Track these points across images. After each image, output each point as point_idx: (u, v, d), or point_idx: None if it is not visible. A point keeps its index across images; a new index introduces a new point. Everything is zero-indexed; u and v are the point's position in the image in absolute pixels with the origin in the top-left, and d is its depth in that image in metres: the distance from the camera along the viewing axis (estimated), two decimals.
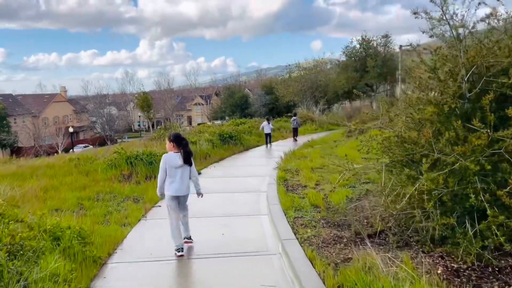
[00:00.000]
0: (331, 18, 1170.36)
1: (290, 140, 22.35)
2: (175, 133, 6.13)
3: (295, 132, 22.26)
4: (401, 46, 40.89)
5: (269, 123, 19.70)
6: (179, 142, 5.71)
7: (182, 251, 5.59)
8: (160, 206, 8.28)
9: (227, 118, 68.43)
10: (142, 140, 19.36)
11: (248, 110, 65.17)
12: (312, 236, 5.59)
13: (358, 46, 53.91)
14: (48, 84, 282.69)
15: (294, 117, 22.60)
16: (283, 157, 13.47)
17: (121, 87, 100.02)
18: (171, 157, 5.68)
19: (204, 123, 73.76)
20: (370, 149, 5.81)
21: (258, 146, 19.76)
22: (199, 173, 12.06)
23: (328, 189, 8.40)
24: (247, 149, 18.36)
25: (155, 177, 11.02)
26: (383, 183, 5.40)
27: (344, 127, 32.09)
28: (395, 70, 51.86)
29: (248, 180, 10.79)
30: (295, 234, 5.73)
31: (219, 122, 65.27)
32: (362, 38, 53.20)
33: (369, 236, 5.49)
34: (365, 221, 6.05)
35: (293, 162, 12.00)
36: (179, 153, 5.67)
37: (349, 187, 8.47)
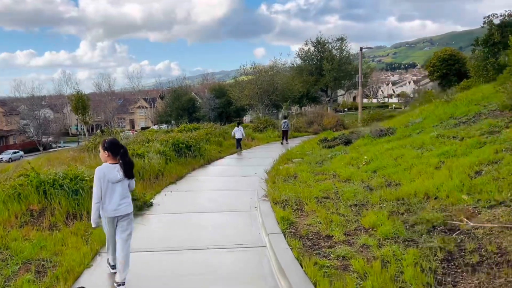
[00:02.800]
0: (274, 26, 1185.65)
1: (256, 149, 19.20)
2: (111, 139, 4.88)
3: (284, 135, 22.21)
4: (361, 48, 38.79)
5: (239, 127, 18.90)
6: (116, 150, 4.69)
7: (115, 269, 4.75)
8: None
9: (173, 122, 64.51)
10: (72, 152, 15.18)
11: (196, 114, 61.65)
12: None
13: (312, 48, 51.70)
14: None
15: (285, 120, 22.64)
16: (266, 178, 10.01)
17: (57, 88, 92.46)
18: (107, 170, 4.64)
19: (148, 127, 69.17)
20: None
21: (221, 157, 16.15)
22: (151, 204, 8.37)
23: (374, 244, 5.11)
24: (209, 162, 14.70)
25: (82, 217, 7.21)
26: None
27: (309, 135, 29.21)
28: (351, 74, 50.09)
29: (227, 220, 7.18)
30: None
31: (164, 126, 61.00)
32: (317, 40, 51.03)
33: None
34: None
35: (285, 187, 8.54)
36: (117, 164, 4.68)
37: (408, 242, 5.15)
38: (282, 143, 21.42)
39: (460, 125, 11.23)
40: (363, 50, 43.16)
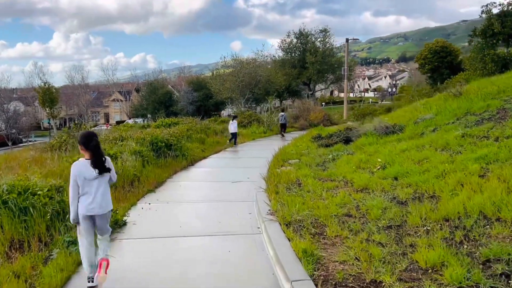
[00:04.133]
0: (251, 19, 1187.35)
1: (243, 147, 17.57)
2: (84, 132, 4.86)
3: (282, 128, 22.97)
4: (347, 39, 37.40)
5: (233, 121, 18.60)
6: (87, 144, 4.33)
7: (93, 281, 4.30)
8: None
9: (149, 115, 62.24)
10: (33, 152, 13.16)
11: (173, 108, 59.69)
12: None
13: (295, 40, 50.12)
14: None
15: (282, 113, 23.42)
16: (265, 186, 8.36)
17: (28, 80, 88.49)
18: (83, 166, 4.31)
19: (123, 121, 66.51)
20: None
21: (205, 157, 14.40)
22: (124, 224, 6.61)
23: None
24: (192, 163, 12.93)
25: (31, 245, 5.41)
26: None
27: (295, 130, 27.65)
28: (334, 67, 48.79)
29: (225, 250, 5.42)
30: None
31: (140, 120, 58.60)
32: (300, 32, 49.48)
33: None
34: None
35: (293, 201, 6.87)
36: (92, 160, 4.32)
37: None
38: (282, 135, 22.11)
39: (484, 123, 9.78)
40: (347, 42, 41.87)
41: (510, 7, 21.44)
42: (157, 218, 7.02)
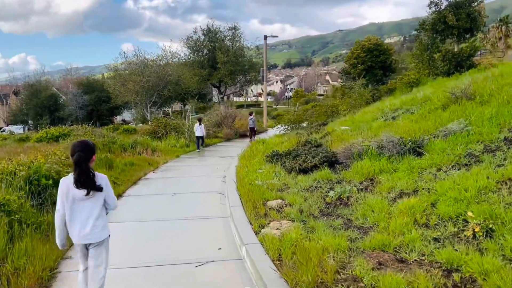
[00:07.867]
0: (141, 21, 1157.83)
1: (170, 169, 12.58)
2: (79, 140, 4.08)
3: (252, 132, 22.27)
4: (266, 36, 33.75)
5: (200, 125, 18.01)
6: (72, 154, 3.52)
7: None
8: None
9: (30, 122, 53.59)
10: None
11: (59, 113, 51.60)
12: None
13: (203, 37, 45.42)
14: None
15: (251, 117, 22.53)
16: None
17: None
18: (70, 183, 3.51)
19: (0, 128, 56.21)
20: None
21: (121, 195, 9.13)
22: None
23: None
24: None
25: None
26: None
27: (221, 141, 23.13)
28: (246, 68, 45.16)
29: None
30: None
31: (19, 128, 49.65)
32: (208, 28, 44.94)
33: None
34: None
35: None
36: None
37: None
38: (250, 141, 20.76)
39: None
40: (265, 40, 38.39)
41: None
42: None
